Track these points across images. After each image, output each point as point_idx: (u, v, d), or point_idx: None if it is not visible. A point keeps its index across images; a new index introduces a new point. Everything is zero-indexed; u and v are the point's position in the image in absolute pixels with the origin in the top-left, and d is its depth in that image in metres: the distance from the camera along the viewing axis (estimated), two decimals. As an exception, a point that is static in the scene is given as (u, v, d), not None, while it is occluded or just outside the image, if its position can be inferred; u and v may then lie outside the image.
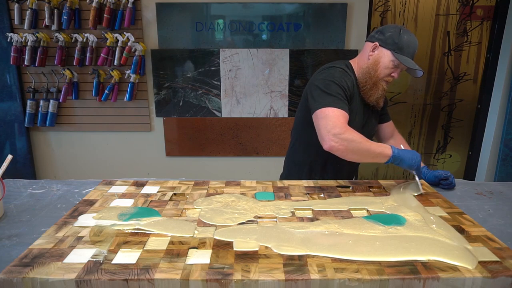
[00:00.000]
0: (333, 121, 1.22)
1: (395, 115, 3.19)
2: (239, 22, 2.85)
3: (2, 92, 2.90)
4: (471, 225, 1.01)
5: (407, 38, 1.35)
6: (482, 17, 2.96)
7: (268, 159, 3.16)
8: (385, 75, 1.39)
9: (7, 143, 3.03)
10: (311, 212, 1.08)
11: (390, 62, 1.36)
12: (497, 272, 0.79)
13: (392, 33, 1.36)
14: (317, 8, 2.80)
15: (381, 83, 1.40)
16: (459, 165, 3.37)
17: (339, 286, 0.77)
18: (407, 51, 1.35)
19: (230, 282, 0.76)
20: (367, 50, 1.41)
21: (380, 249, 0.86)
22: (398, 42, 1.35)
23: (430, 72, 3.09)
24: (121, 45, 2.74)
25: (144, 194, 1.22)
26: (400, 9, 2.93)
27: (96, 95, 2.85)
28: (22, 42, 2.73)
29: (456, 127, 3.25)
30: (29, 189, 1.29)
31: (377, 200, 1.17)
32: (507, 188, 1.37)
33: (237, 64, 2.92)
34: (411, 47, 1.35)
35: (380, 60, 1.38)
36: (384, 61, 1.37)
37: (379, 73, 1.38)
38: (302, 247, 0.87)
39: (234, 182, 1.33)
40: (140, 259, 0.83)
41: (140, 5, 2.78)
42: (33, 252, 0.86)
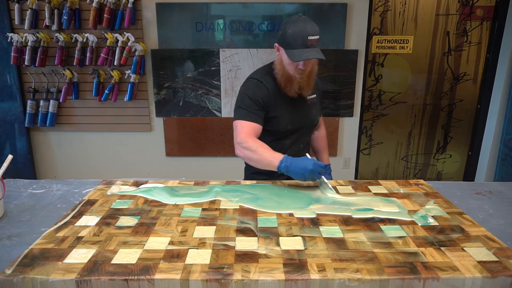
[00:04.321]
0: (238, 132, 1.40)
1: (395, 115, 3.20)
2: (239, 22, 2.85)
3: (2, 92, 2.90)
4: (471, 225, 1.01)
5: (292, 31, 1.35)
6: (482, 17, 2.96)
7: (268, 159, 3.15)
8: (292, 70, 1.42)
9: (7, 143, 3.03)
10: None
11: (288, 58, 1.39)
12: (497, 272, 0.79)
13: (281, 30, 1.40)
14: (317, 8, 2.80)
15: (294, 77, 1.44)
16: (459, 165, 3.37)
17: (339, 286, 0.77)
18: (295, 44, 1.35)
19: (230, 282, 0.76)
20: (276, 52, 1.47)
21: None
22: (285, 39, 1.37)
23: (430, 72, 3.09)
24: (121, 45, 2.74)
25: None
26: (400, 9, 2.93)
27: (96, 95, 2.85)
28: (23, 42, 2.73)
29: (456, 127, 3.25)
30: (29, 189, 1.29)
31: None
32: (507, 188, 1.37)
33: (237, 64, 2.92)
34: (298, 39, 1.34)
35: (282, 59, 1.43)
36: (285, 59, 1.41)
37: (288, 70, 1.43)
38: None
39: (234, 182, 1.33)
40: (140, 259, 0.83)
41: (140, 5, 2.78)
42: (33, 252, 0.86)
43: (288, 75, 1.44)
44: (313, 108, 1.60)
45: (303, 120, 1.56)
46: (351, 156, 3.23)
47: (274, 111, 1.48)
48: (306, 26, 1.35)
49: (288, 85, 1.46)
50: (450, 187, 1.38)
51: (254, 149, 1.32)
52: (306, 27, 1.35)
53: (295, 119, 1.53)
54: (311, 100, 1.58)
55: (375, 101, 3.17)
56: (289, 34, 1.36)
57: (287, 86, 1.46)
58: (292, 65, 1.41)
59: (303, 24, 1.35)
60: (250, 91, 1.46)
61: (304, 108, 1.56)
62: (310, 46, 1.35)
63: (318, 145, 1.81)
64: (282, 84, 1.47)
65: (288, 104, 1.50)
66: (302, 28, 1.35)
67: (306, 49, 1.35)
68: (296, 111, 1.53)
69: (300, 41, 1.34)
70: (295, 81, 1.45)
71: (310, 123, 1.62)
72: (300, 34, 1.34)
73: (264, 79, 1.48)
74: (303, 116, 1.56)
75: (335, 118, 3.08)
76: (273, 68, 1.49)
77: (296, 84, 1.46)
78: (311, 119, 1.61)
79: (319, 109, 1.67)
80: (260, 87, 1.46)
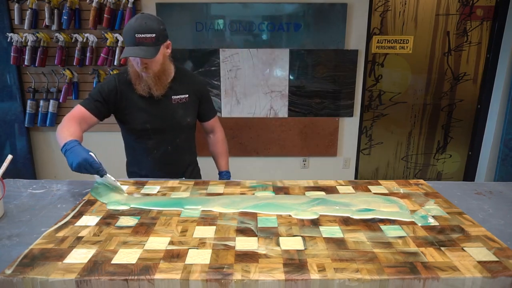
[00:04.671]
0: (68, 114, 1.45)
1: (395, 115, 3.20)
2: (239, 22, 2.85)
3: (2, 92, 2.90)
4: (471, 225, 1.01)
5: (125, 28, 1.38)
6: (482, 17, 2.96)
7: (268, 159, 3.16)
8: (137, 68, 1.42)
9: (7, 143, 3.03)
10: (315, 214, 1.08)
11: None
12: (497, 272, 0.79)
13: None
14: (317, 8, 2.80)
15: (141, 74, 1.45)
16: (459, 165, 3.37)
17: (339, 286, 0.77)
18: (125, 40, 1.38)
19: (230, 282, 0.76)
20: None
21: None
22: (123, 36, 1.42)
23: (430, 72, 3.10)
24: (121, 45, 2.74)
25: (144, 194, 1.22)
26: (400, 9, 2.93)
27: (96, 95, 2.85)
28: (22, 42, 2.73)
29: (456, 127, 3.25)
30: (29, 189, 1.29)
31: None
32: (507, 188, 1.37)
33: (237, 64, 2.92)
34: (128, 35, 1.35)
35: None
36: None
37: (135, 68, 1.44)
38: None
39: (234, 182, 1.33)
40: (140, 259, 0.83)
41: (140, 5, 2.78)
42: (33, 252, 0.86)
43: (135, 72, 1.46)
44: (181, 108, 1.56)
45: (165, 120, 1.54)
46: (351, 156, 3.24)
47: (127, 108, 1.50)
48: (137, 23, 1.34)
49: (136, 83, 1.47)
50: (450, 187, 1.38)
51: (59, 128, 1.36)
52: (136, 24, 1.34)
53: (155, 119, 1.53)
54: (179, 100, 1.55)
55: (375, 101, 3.17)
56: (124, 30, 1.39)
57: (136, 83, 1.47)
58: (134, 61, 1.42)
59: (135, 21, 1.35)
60: (101, 83, 1.51)
61: (168, 107, 1.54)
62: (139, 44, 1.34)
63: (214, 150, 1.78)
64: (132, 81, 1.48)
65: (144, 102, 1.50)
66: (132, 25, 1.35)
67: (133, 47, 1.35)
68: (155, 110, 1.52)
69: (129, 38, 1.35)
70: (142, 79, 1.46)
71: (176, 123, 1.57)
72: (129, 31, 1.34)
73: (119, 75, 1.50)
74: (166, 116, 1.54)
75: (335, 118, 3.08)
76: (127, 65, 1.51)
77: (144, 82, 1.46)
78: (176, 120, 1.56)
79: (191, 110, 1.62)
80: (111, 81, 1.49)
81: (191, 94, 1.59)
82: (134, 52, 1.34)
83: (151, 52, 1.36)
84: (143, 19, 1.36)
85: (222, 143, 1.78)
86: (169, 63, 1.51)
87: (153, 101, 1.51)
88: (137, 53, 1.34)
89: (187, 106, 1.59)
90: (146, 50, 1.35)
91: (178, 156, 1.65)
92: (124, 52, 1.37)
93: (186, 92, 1.57)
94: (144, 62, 1.39)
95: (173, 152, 1.61)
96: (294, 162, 3.22)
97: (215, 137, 1.77)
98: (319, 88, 3.00)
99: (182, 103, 1.57)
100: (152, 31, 1.35)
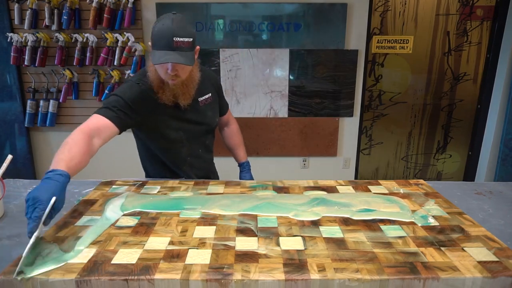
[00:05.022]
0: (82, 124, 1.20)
1: (395, 115, 3.20)
2: (239, 22, 2.85)
3: (2, 92, 2.90)
4: (471, 225, 1.01)
5: (157, 30, 1.20)
6: (482, 17, 2.96)
7: (268, 159, 3.16)
8: (163, 75, 1.27)
9: (7, 143, 3.03)
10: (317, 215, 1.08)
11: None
12: (497, 272, 0.79)
13: (152, 27, 1.25)
14: (317, 8, 2.80)
15: (167, 82, 1.30)
16: (459, 165, 3.37)
17: (339, 286, 0.77)
18: (159, 44, 1.19)
19: (230, 282, 0.76)
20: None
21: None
22: (153, 39, 1.22)
23: (430, 72, 3.10)
24: (121, 45, 2.74)
25: (144, 193, 1.22)
26: (400, 9, 2.93)
27: (96, 95, 2.85)
28: (22, 42, 2.73)
29: (456, 127, 3.25)
30: (29, 189, 1.29)
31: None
32: (507, 188, 1.37)
33: (237, 64, 2.92)
34: (163, 38, 1.18)
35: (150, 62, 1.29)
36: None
37: (160, 74, 1.28)
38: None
39: (234, 182, 1.33)
40: (140, 259, 0.83)
41: (140, 5, 2.78)
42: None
43: (159, 79, 1.29)
44: (208, 109, 1.48)
45: (197, 124, 1.44)
46: (351, 156, 3.23)
47: (157, 117, 1.34)
48: (173, 25, 1.18)
49: (160, 91, 1.30)
50: (450, 187, 1.38)
51: (64, 142, 1.09)
52: (173, 26, 1.18)
53: (186, 125, 1.41)
54: (205, 101, 1.46)
55: (375, 101, 3.17)
56: (155, 32, 1.21)
57: (159, 91, 1.30)
58: (161, 68, 1.24)
59: (170, 22, 1.18)
60: (121, 90, 1.29)
61: (198, 111, 1.43)
62: (176, 49, 1.18)
63: (231, 142, 1.72)
64: (154, 90, 1.31)
65: (174, 109, 1.36)
66: (169, 27, 1.18)
67: (169, 52, 1.18)
68: (185, 116, 1.39)
69: (165, 41, 1.18)
70: (167, 88, 1.30)
71: (207, 125, 1.49)
72: (166, 34, 1.18)
73: (141, 82, 1.32)
74: (197, 120, 1.43)
75: (335, 118, 3.08)
76: (147, 70, 1.33)
77: (169, 92, 1.30)
78: (207, 122, 1.48)
79: (216, 108, 1.55)
80: (134, 88, 1.30)
81: (212, 92, 1.51)
82: (174, 58, 1.18)
83: (189, 58, 1.22)
84: (181, 21, 1.20)
85: (238, 134, 1.72)
86: (197, 70, 1.38)
87: (182, 108, 1.38)
88: (177, 58, 1.18)
89: (212, 106, 1.51)
90: (185, 56, 1.20)
91: (207, 156, 1.59)
92: (159, 57, 1.19)
93: (208, 91, 1.48)
94: (175, 69, 1.23)
95: (203, 154, 1.55)
96: (294, 162, 3.21)
97: (230, 129, 1.72)
98: (319, 88, 3.00)
99: (208, 103, 1.48)
100: (190, 34, 1.21)
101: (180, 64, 1.21)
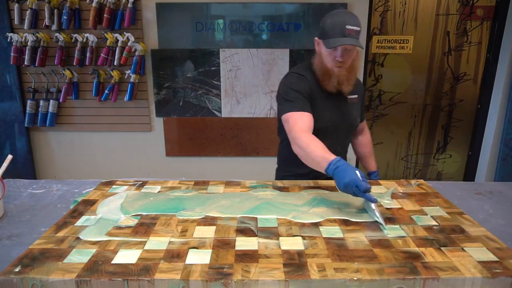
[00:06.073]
0: (291, 126, 1.33)
1: (395, 115, 3.20)
2: (239, 22, 2.85)
3: (2, 92, 2.90)
4: (471, 225, 1.01)
5: (330, 21, 1.36)
6: (482, 17, 2.96)
7: (268, 159, 3.16)
8: (331, 63, 1.40)
9: (7, 143, 3.03)
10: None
11: (325, 49, 1.38)
12: (497, 272, 0.79)
13: (321, 23, 1.41)
14: (317, 8, 2.80)
15: (332, 70, 1.42)
16: (459, 165, 3.37)
17: (339, 286, 0.77)
18: (332, 33, 1.34)
19: (230, 282, 0.76)
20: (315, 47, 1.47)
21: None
22: (323, 29, 1.38)
23: (430, 72, 3.09)
24: (121, 45, 2.74)
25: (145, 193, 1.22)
26: (400, 9, 2.93)
27: (96, 95, 2.85)
28: (22, 42, 2.73)
29: (456, 127, 3.25)
30: (29, 189, 1.29)
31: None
32: (507, 188, 1.37)
33: (237, 64, 2.92)
34: (336, 27, 1.34)
35: (321, 52, 1.42)
36: (322, 51, 1.40)
37: (326, 63, 1.41)
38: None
39: (234, 182, 1.33)
40: (140, 259, 0.83)
41: (140, 5, 2.78)
42: (33, 252, 0.86)
43: (326, 68, 1.42)
44: (354, 108, 1.56)
45: (342, 120, 1.52)
46: (351, 156, 3.23)
47: (314, 106, 1.43)
48: (345, 17, 1.35)
49: (327, 79, 1.43)
50: (450, 187, 1.38)
51: (305, 146, 1.24)
52: (345, 17, 1.34)
53: (335, 117, 1.49)
54: (352, 99, 1.54)
55: (375, 101, 3.17)
56: (328, 24, 1.36)
57: (325, 79, 1.43)
58: (330, 56, 1.38)
59: (343, 15, 1.36)
60: (293, 84, 1.44)
61: (345, 107, 1.52)
62: (348, 36, 1.33)
63: (364, 151, 1.79)
64: (320, 78, 1.44)
65: (328, 100, 1.47)
66: (341, 18, 1.34)
67: (343, 38, 1.33)
68: (336, 109, 1.49)
69: (338, 30, 1.33)
70: (333, 75, 1.42)
71: (350, 124, 1.58)
72: (338, 24, 1.33)
73: (305, 73, 1.46)
74: (343, 115, 1.52)
75: (335, 118, 3.08)
76: (312, 63, 1.48)
77: (335, 78, 1.42)
78: (351, 120, 1.57)
79: (359, 111, 1.63)
80: (302, 79, 1.44)
81: (359, 95, 1.59)
82: (347, 41, 1.32)
83: (358, 42, 1.35)
84: (349, 13, 1.37)
85: (371, 144, 1.80)
86: (358, 58, 1.49)
87: (336, 100, 1.48)
88: (350, 41, 1.32)
89: (357, 107, 1.59)
90: (354, 41, 1.34)
91: (343, 156, 1.64)
92: (334, 42, 1.33)
93: (356, 93, 1.56)
94: (344, 56, 1.37)
95: (340, 152, 1.59)
96: (294, 162, 3.21)
97: (364, 138, 1.79)
98: (319, 88, 2.99)
99: (354, 103, 1.56)
100: (358, 24, 1.35)
101: (346, 50, 1.36)
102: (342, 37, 1.33)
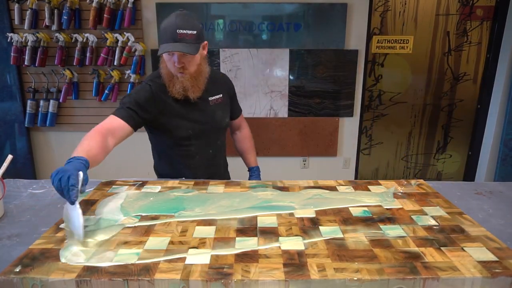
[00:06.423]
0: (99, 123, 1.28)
1: (395, 115, 3.20)
2: (239, 22, 2.85)
3: (2, 92, 2.90)
4: (471, 225, 1.01)
5: (163, 25, 1.31)
6: (482, 17, 2.96)
7: (268, 159, 3.16)
8: (172, 68, 1.36)
9: (7, 143, 3.03)
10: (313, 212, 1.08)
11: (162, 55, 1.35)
12: (497, 272, 0.79)
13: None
14: (317, 8, 2.80)
15: (175, 76, 1.38)
16: (459, 165, 3.37)
17: (339, 286, 0.77)
18: (165, 37, 1.29)
19: (230, 282, 0.76)
20: None
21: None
22: (159, 34, 1.36)
23: (430, 72, 3.10)
24: (121, 45, 2.74)
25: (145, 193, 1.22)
26: (400, 9, 2.93)
27: (96, 95, 2.85)
28: (22, 42, 2.73)
29: (456, 127, 3.25)
30: (29, 189, 1.29)
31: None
32: (507, 188, 1.37)
33: (237, 64, 2.92)
34: (168, 32, 1.28)
35: (163, 57, 1.38)
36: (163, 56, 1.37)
37: (170, 69, 1.37)
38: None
39: (234, 182, 1.33)
40: (140, 259, 0.83)
41: (140, 5, 2.78)
42: (33, 252, 0.86)
43: (169, 74, 1.38)
44: (219, 109, 1.52)
45: (206, 123, 1.49)
46: (351, 156, 3.23)
47: (166, 115, 1.41)
48: (177, 20, 1.28)
49: (171, 85, 1.39)
50: (450, 187, 1.38)
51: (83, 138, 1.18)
52: (177, 20, 1.28)
53: (196, 123, 1.46)
54: (215, 100, 1.51)
55: (375, 101, 3.17)
56: (161, 27, 1.32)
57: (170, 86, 1.39)
58: (169, 62, 1.34)
59: (175, 18, 1.29)
60: (133, 93, 1.40)
61: (207, 110, 1.49)
62: (180, 41, 1.28)
63: (242, 146, 1.76)
64: (166, 84, 1.40)
65: (183, 107, 1.43)
66: (172, 22, 1.28)
67: (173, 43, 1.28)
68: (196, 114, 1.46)
69: (169, 35, 1.28)
70: (177, 81, 1.38)
71: (217, 125, 1.53)
72: (170, 28, 1.28)
73: (152, 82, 1.41)
74: (207, 119, 1.49)
75: (335, 118, 3.08)
76: (160, 67, 1.42)
77: (179, 84, 1.37)
78: (216, 121, 1.52)
79: (227, 110, 1.59)
80: (145, 88, 1.40)
81: (224, 94, 1.55)
82: (175, 47, 1.27)
83: (192, 48, 1.30)
84: (184, 16, 1.31)
85: (250, 139, 1.77)
86: (205, 63, 1.45)
87: (191, 106, 1.44)
88: (179, 48, 1.27)
89: (223, 106, 1.56)
90: (188, 46, 1.29)
91: (218, 158, 1.62)
92: (163, 47, 1.29)
93: (220, 92, 1.53)
94: (182, 62, 1.32)
95: (215, 155, 1.58)
96: (294, 162, 3.22)
97: (242, 133, 1.76)
98: (319, 88, 3.00)
99: (218, 103, 1.53)
100: (193, 27, 1.30)
101: (184, 54, 1.30)
102: (173, 42, 1.28)
